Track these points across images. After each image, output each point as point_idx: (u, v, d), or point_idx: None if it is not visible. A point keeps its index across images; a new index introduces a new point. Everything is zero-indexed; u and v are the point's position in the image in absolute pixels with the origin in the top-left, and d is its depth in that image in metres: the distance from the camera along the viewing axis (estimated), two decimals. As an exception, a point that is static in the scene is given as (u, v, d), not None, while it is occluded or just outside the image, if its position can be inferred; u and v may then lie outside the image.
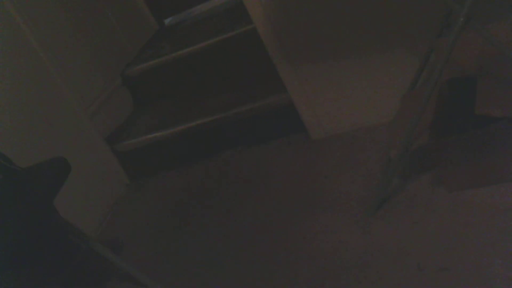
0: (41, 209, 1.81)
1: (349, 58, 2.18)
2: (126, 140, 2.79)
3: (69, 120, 2.62)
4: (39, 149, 2.38)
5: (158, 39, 3.15)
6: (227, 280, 1.95)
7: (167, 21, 3.26)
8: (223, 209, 2.31)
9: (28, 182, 1.92)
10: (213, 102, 2.73)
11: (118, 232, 2.53)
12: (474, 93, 1.73)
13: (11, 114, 2.34)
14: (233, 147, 2.68)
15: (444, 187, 1.82)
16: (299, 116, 2.39)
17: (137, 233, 2.46)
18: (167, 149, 2.76)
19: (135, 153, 2.79)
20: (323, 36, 2.16)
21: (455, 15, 1.61)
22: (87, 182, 2.60)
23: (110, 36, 3.00)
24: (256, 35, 2.34)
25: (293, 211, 2.11)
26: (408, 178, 1.95)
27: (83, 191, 2.56)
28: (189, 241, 2.23)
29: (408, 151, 1.80)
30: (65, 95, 2.62)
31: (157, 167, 2.82)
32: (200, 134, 2.68)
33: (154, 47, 3.07)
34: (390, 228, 1.80)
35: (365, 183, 2.04)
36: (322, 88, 2.27)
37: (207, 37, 2.79)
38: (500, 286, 1.45)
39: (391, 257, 1.69)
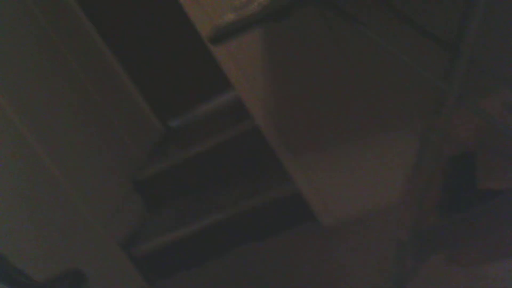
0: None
1: (351, 142, 2.23)
2: (140, 245, 2.82)
3: (83, 230, 2.66)
4: (55, 261, 2.40)
5: (165, 142, 3.23)
6: None
7: (172, 123, 3.35)
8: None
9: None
10: (221, 199, 2.77)
11: None
12: (475, 167, 1.75)
13: (27, 230, 2.40)
14: (246, 242, 2.68)
15: (458, 265, 1.80)
16: (308, 204, 2.41)
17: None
18: (181, 250, 2.77)
19: (150, 256, 2.80)
20: (324, 123, 2.22)
21: (446, 94, 1.65)
22: (104, 290, 2.60)
23: (118, 144, 3.08)
24: (259, 130, 2.41)
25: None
26: (422, 259, 1.94)
27: (100, 300, 2.55)
28: None
29: (418, 232, 1.80)
30: (78, 207, 2.67)
31: (173, 269, 2.81)
32: (212, 232, 2.70)
33: (162, 150, 3.14)
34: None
35: (380, 267, 2.02)
36: (328, 174, 2.30)
37: (212, 136, 2.86)
38: None
39: None
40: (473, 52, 1.57)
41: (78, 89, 2.98)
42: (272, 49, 2.13)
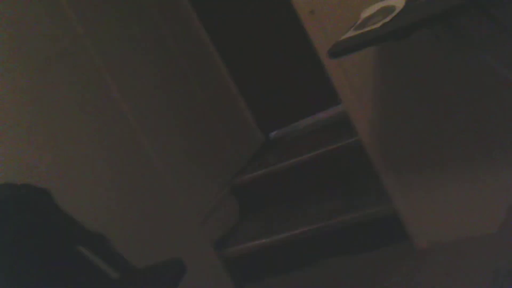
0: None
1: (454, 167, 2.23)
2: (232, 247, 2.91)
3: (180, 224, 2.79)
4: (151, 251, 2.51)
5: (264, 151, 3.33)
6: None
7: (272, 134, 3.44)
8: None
9: (145, 281, 2.04)
10: (315, 210, 2.82)
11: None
12: None
13: (129, 219, 2.54)
14: (335, 255, 2.71)
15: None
16: (402, 225, 2.42)
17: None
18: (270, 257, 2.84)
19: (240, 259, 2.89)
20: (429, 145, 2.24)
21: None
22: (194, 286, 2.69)
23: (220, 148, 3.21)
24: (356, 148, 2.46)
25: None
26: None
27: (190, 295, 2.65)
28: None
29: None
30: (178, 201, 2.81)
31: (261, 274, 2.88)
32: (302, 243, 2.75)
33: (260, 158, 3.23)
34: None
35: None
36: (427, 197, 2.31)
37: (311, 149, 2.93)
38: None
39: None
40: None
41: (188, 95, 3.15)
42: (383, 66, 2.17)
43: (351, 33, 1.78)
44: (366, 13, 1.85)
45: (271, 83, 3.27)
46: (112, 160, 2.61)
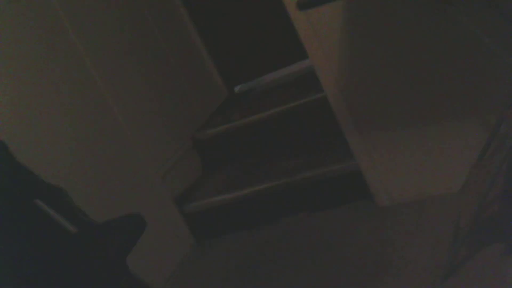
0: (115, 265, 1.86)
1: (419, 126, 2.22)
2: (193, 202, 2.87)
3: (141, 179, 2.73)
4: (110, 206, 2.47)
5: (228, 105, 3.27)
6: None
7: (237, 88, 3.39)
8: (287, 275, 2.32)
9: (104, 236, 1.99)
10: (279, 167, 2.79)
11: (183, 291, 2.57)
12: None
13: (88, 172, 2.47)
14: (297, 212, 2.71)
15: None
16: (366, 183, 2.42)
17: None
18: (232, 212, 2.82)
19: (201, 214, 2.86)
20: (394, 105, 2.21)
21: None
22: (154, 241, 2.64)
23: (182, 100, 3.14)
24: (323, 104, 2.42)
25: (359, 278, 2.10)
26: (477, 248, 1.93)
27: (150, 249, 2.61)
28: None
29: (478, 220, 1.79)
30: (138, 155, 2.74)
31: (222, 230, 2.87)
32: (265, 199, 2.73)
33: (224, 112, 3.18)
34: (460, 298, 1.78)
35: (433, 252, 2.03)
36: (391, 155, 2.30)
37: (276, 104, 2.88)
38: None
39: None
40: None
41: (152, 46, 3.06)
42: (352, 21, 2.12)
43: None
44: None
45: (237, 35, 3.21)
46: (71, 111, 2.52)
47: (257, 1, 3.04)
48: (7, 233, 1.99)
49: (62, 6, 2.58)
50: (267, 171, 2.81)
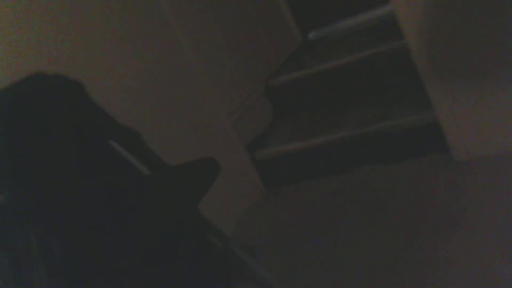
0: (188, 208, 1.88)
1: (502, 78, 2.11)
2: (264, 149, 2.86)
3: (213, 125, 2.73)
4: (183, 151, 2.48)
5: (301, 52, 3.21)
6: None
7: (311, 35, 3.31)
8: (355, 224, 2.30)
9: (179, 179, 2.00)
10: (353, 116, 2.73)
11: (251, 237, 2.59)
12: None
13: (160, 115, 2.49)
14: (370, 163, 2.66)
15: None
16: (443, 136, 2.34)
17: (271, 239, 2.51)
18: (304, 161, 2.79)
19: (272, 162, 2.85)
20: (477, 54, 2.10)
21: None
22: (225, 186, 2.67)
23: (256, 46, 3.10)
24: (401, 53, 2.33)
25: (432, 231, 2.06)
26: None
27: (220, 194, 2.64)
28: (321, 251, 2.24)
29: None
30: (211, 100, 2.74)
31: (293, 178, 2.86)
32: (338, 148, 2.69)
33: (297, 59, 3.13)
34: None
35: (510, 209, 1.95)
36: (472, 108, 2.20)
37: (352, 52, 2.80)
38: None
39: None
40: None
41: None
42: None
43: None
44: None
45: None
46: (145, 54, 2.52)
47: None
48: (80, 175, 2.03)
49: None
50: (341, 120, 2.76)
